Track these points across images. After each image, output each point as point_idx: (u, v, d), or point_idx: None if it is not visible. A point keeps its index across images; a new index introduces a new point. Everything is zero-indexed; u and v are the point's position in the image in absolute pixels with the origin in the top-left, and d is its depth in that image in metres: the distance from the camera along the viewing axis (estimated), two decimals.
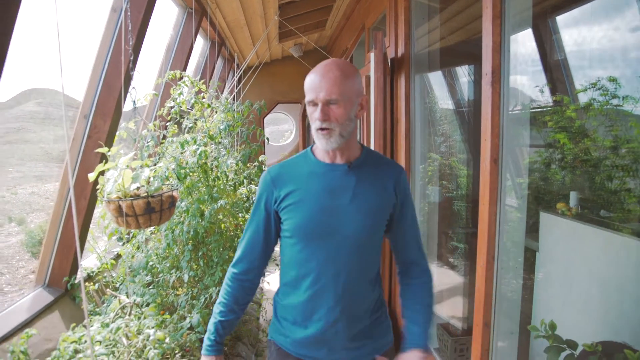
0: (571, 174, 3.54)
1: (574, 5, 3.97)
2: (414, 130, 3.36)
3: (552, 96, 4.14)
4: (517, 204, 3.17)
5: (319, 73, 1.32)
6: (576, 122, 3.54)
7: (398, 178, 1.44)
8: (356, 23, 5.27)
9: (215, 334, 1.47)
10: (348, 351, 1.42)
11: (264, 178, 1.46)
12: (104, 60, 2.81)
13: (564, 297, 2.63)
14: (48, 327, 2.69)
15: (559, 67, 4.15)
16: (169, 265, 3.04)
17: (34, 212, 10.44)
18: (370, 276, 1.43)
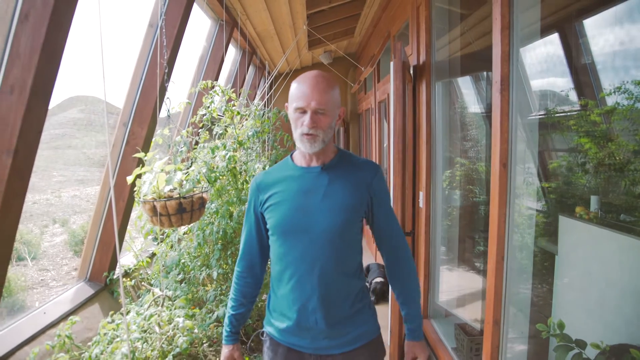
0: (594, 178, 3.54)
1: (601, 8, 3.97)
2: (436, 135, 3.45)
3: (577, 100, 4.14)
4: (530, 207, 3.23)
5: (309, 83, 1.44)
6: (600, 126, 3.55)
7: (373, 176, 1.54)
8: (383, 30, 5.38)
9: (230, 326, 1.66)
10: (330, 340, 1.52)
11: (251, 185, 1.62)
12: (142, 72, 3.03)
13: (582, 300, 2.67)
14: (89, 318, 2.91)
15: (585, 71, 4.14)
16: (200, 263, 3.23)
17: (75, 214, 10.92)
18: (348, 269, 1.53)
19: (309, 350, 1.54)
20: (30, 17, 1.76)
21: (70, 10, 1.89)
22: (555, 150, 4.48)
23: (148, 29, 3.05)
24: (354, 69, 8.42)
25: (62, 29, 1.87)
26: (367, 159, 1.64)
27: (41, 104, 1.88)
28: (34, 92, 1.80)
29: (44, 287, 5.05)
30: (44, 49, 1.78)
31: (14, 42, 1.78)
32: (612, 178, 3.34)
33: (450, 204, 4.45)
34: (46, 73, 1.84)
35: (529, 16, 2.16)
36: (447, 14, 3.65)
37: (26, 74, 1.77)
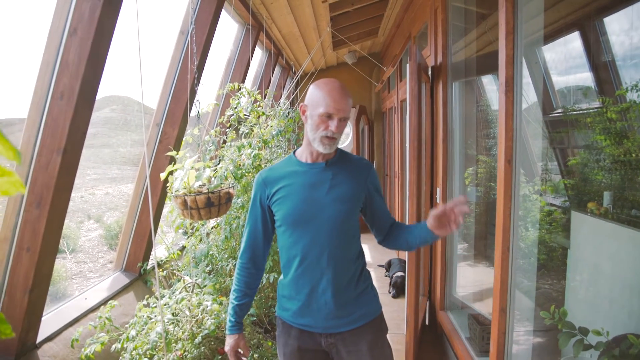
0: (609, 174, 3.60)
1: (621, 6, 4.00)
2: (453, 134, 3.57)
3: (596, 98, 4.19)
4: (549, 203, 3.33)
5: (339, 92, 1.60)
6: (617, 123, 3.61)
7: (368, 172, 1.74)
8: (404, 31, 5.50)
9: (234, 316, 1.77)
10: (339, 319, 1.67)
11: (257, 180, 1.76)
12: (174, 76, 3.25)
13: (592, 291, 2.77)
14: (125, 304, 3.16)
15: (605, 68, 4.18)
16: (227, 255, 3.44)
17: (109, 210, 11.35)
18: (351, 253, 1.70)
19: (319, 330, 1.69)
20: (78, 31, 1.99)
21: (112, 25, 2.11)
22: (575, 147, 4.53)
23: (179, 35, 3.27)
24: (378, 68, 8.54)
25: (105, 41, 2.10)
26: (361, 157, 1.83)
27: (86, 108, 2.11)
28: (81, 97, 2.03)
29: (81, 277, 5.38)
30: (90, 59, 2.01)
31: (64, 54, 2.01)
32: (627, 174, 3.40)
33: (472, 201, 4.55)
34: (91, 80, 2.07)
35: (536, 22, 2.28)
36: (465, 13, 3.76)
37: (74, 82, 2.00)
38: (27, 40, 7.10)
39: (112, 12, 2.08)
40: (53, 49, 2.03)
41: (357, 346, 1.68)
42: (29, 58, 6.89)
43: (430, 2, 3.77)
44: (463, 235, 4.48)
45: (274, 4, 4.35)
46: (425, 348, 3.56)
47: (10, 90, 7.74)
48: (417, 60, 2.94)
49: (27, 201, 2.10)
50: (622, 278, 2.53)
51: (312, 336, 1.71)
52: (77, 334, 2.33)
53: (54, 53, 2.03)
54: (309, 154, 1.71)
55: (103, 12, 2.00)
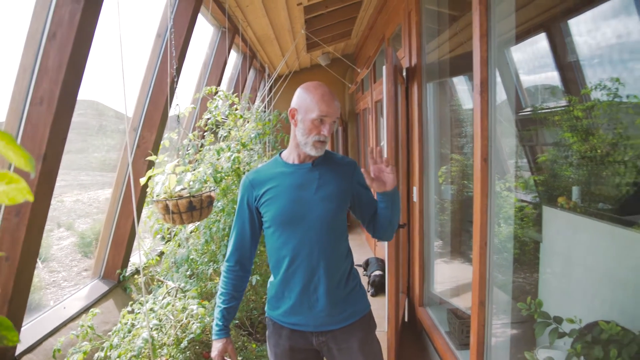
0: (577, 170, 3.75)
1: (586, 8, 4.15)
2: (428, 134, 3.65)
3: (563, 97, 4.35)
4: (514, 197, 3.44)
5: (329, 96, 1.64)
6: (583, 121, 3.76)
7: (354, 170, 1.77)
8: (378, 33, 5.58)
9: (222, 320, 1.75)
10: (330, 317, 1.70)
11: (244, 182, 1.77)
12: (150, 80, 3.23)
13: (563, 282, 2.88)
14: (105, 312, 3.12)
15: (571, 69, 4.34)
16: (207, 259, 3.43)
17: (79, 218, 11.09)
18: (340, 251, 1.73)
19: (310, 328, 1.72)
20: (57, 35, 1.97)
21: (92, 29, 2.10)
22: (544, 144, 4.69)
23: (156, 39, 3.25)
24: (352, 70, 8.62)
25: (85, 45, 2.08)
26: (345, 156, 1.86)
27: (67, 113, 2.08)
28: (61, 103, 2.01)
29: (56, 287, 5.25)
30: (70, 64, 1.99)
31: (43, 58, 1.98)
32: (594, 170, 3.55)
33: (446, 199, 4.65)
34: (71, 85, 2.05)
35: (506, 23, 2.36)
36: (438, 15, 3.86)
37: (54, 87, 1.97)
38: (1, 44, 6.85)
39: (92, 15, 2.06)
40: (31, 53, 2.00)
41: (348, 343, 1.71)
42: (3, 62, 6.65)
43: (404, 5, 3.85)
44: (438, 233, 4.58)
45: (250, 7, 4.36)
46: (406, 344, 3.63)
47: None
48: (393, 63, 3.00)
49: (5, 209, 2.06)
50: (591, 268, 2.64)
51: (304, 335, 1.74)
52: (59, 343, 2.30)
53: (32, 57, 2.00)
54: (296, 155, 1.73)
55: (83, 16, 1.98)
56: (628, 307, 2.37)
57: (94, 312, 2.51)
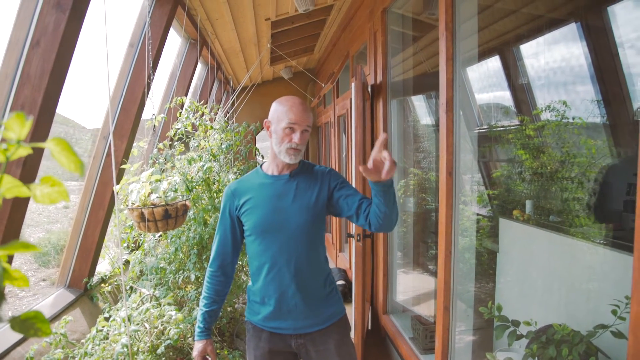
0: (529, 185, 4.02)
1: (536, 35, 4.48)
2: (391, 148, 3.83)
3: (516, 116, 4.66)
4: (476, 212, 3.66)
5: (299, 106, 1.73)
6: (534, 139, 4.05)
7: (329, 175, 1.82)
8: (342, 50, 5.77)
9: (203, 322, 1.84)
10: (309, 319, 1.79)
11: (226, 192, 1.86)
12: (122, 89, 3.25)
13: (519, 288, 3.09)
14: (72, 322, 3.06)
15: (522, 90, 4.66)
16: (175, 268, 3.45)
17: (28, 227, 10.66)
18: (317, 257, 1.81)
19: (289, 331, 1.79)
20: (41, 43, 1.99)
21: (75, 38, 2.13)
22: (498, 160, 4.98)
23: (129, 48, 3.28)
24: (313, 83, 8.80)
25: (68, 53, 2.11)
26: (322, 166, 1.91)
27: (47, 120, 2.10)
28: (42, 110, 2.02)
29: (12, 297, 5.08)
30: (53, 72, 2.01)
31: (25, 66, 2.00)
32: (545, 184, 3.83)
33: (405, 211, 4.85)
34: (53, 93, 2.07)
35: (468, 43, 2.57)
36: (402, 36, 4.07)
37: (36, 94, 1.99)
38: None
39: (76, 25, 2.10)
40: (13, 60, 2.02)
41: (326, 345, 1.80)
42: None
43: (370, 25, 4.04)
44: (398, 244, 4.76)
45: (219, 20, 4.44)
46: (370, 351, 3.75)
47: None
48: (362, 80, 3.16)
49: None
50: (544, 274, 2.86)
51: (283, 338, 1.81)
52: (31, 351, 2.28)
53: (14, 64, 2.02)
54: (275, 166, 1.81)
55: (68, 26, 2.02)
56: (576, 310, 2.59)
57: (66, 320, 2.50)
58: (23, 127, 0.59)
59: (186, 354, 2.51)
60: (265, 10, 4.47)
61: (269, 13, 4.58)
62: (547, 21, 4.23)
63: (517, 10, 4.40)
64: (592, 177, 3.45)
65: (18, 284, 0.67)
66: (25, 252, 0.66)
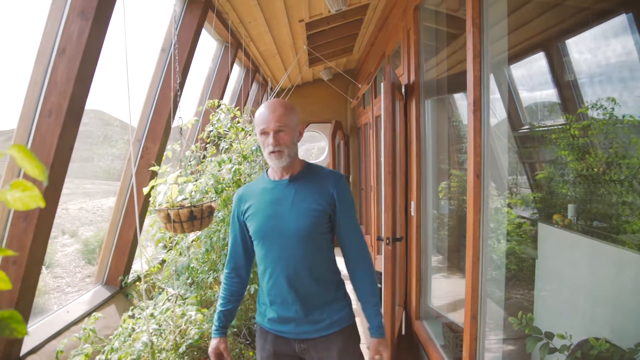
0: (573, 187, 3.81)
1: (583, 29, 4.25)
2: (426, 149, 3.73)
3: (560, 115, 4.43)
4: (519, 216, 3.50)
5: (267, 109, 1.70)
6: (579, 139, 3.84)
7: (336, 183, 1.77)
8: (379, 50, 5.69)
9: (218, 321, 1.88)
10: (310, 325, 1.76)
11: (235, 196, 1.88)
12: (155, 92, 3.33)
13: (558, 299, 2.93)
14: (107, 317, 3.17)
15: (569, 87, 4.43)
16: (207, 268, 3.49)
17: (83, 225, 11.16)
18: (319, 265, 1.77)
19: (292, 336, 1.79)
20: (66, 51, 2.06)
21: (99, 45, 2.20)
22: (541, 161, 4.76)
23: (161, 53, 3.35)
24: (354, 84, 8.75)
25: (92, 60, 2.17)
26: (332, 170, 1.87)
27: (73, 125, 2.17)
28: (68, 115, 2.09)
29: (59, 292, 5.33)
30: (78, 78, 2.08)
31: (52, 73, 2.07)
32: (590, 188, 3.61)
33: (445, 214, 4.71)
34: (78, 98, 2.14)
35: (502, 43, 2.45)
36: (436, 33, 3.96)
37: (62, 100, 2.06)
38: (14, 58, 7.16)
39: (99, 32, 2.16)
40: (42, 68, 2.09)
41: (329, 352, 1.77)
42: (15, 76, 6.90)
43: (403, 24, 3.95)
44: (438, 247, 4.63)
45: (252, 24, 4.47)
46: (402, 357, 3.67)
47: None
48: (391, 80, 3.09)
49: (14, 215, 2.14)
50: (584, 286, 2.69)
51: (287, 342, 1.80)
52: (62, 345, 2.37)
53: (42, 72, 2.10)
54: (275, 171, 1.80)
55: (91, 33, 2.08)
56: (619, 325, 2.42)
57: (96, 316, 2.58)
58: None
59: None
60: (298, 12, 4.46)
61: (302, 15, 4.57)
62: (594, 13, 4.00)
63: (561, 2, 4.19)
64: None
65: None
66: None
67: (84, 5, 2.05)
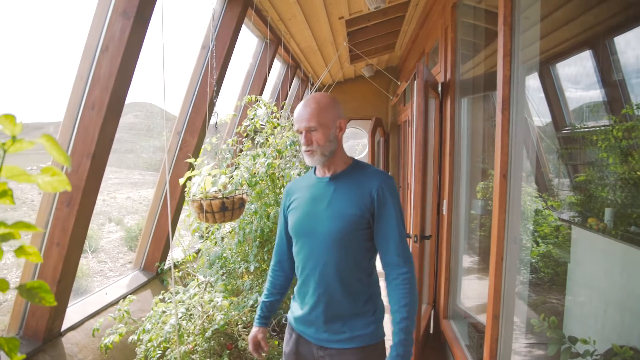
0: (613, 191, 3.69)
1: (632, 26, 4.09)
2: (460, 148, 3.70)
3: (605, 116, 4.28)
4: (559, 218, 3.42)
5: (300, 108, 1.65)
6: (622, 141, 3.70)
7: (379, 186, 1.63)
8: (419, 47, 5.66)
9: (260, 310, 1.90)
10: (329, 334, 1.67)
11: (284, 190, 1.86)
12: (195, 88, 3.47)
13: (589, 304, 2.86)
14: (142, 301, 3.35)
15: (615, 87, 4.27)
16: (240, 258, 3.61)
17: (129, 214, 11.65)
18: (349, 273, 1.65)
19: (312, 340, 1.73)
20: (109, 48, 2.20)
21: (140, 43, 2.33)
22: (582, 163, 4.62)
23: (201, 50, 3.49)
24: (395, 82, 8.71)
25: (133, 57, 2.31)
26: (378, 170, 1.73)
27: (114, 117, 2.32)
28: (110, 108, 2.24)
29: (102, 276, 5.63)
30: (119, 74, 2.22)
31: (96, 68, 2.22)
32: (631, 192, 3.49)
33: (483, 214, 4.65)
34: (119, 93, 2.28)
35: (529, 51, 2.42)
36: (475, 30, 3.91)
37: (104, 94, 2.21)
38: (62, 54, 7.54)
39: (140, 31, 2.29)
40: (87, 63, 2.25)
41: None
42: (63, 70, 7.26)
43: (442, 21, 3.93)
44: (474, 248, 4.58)
45: (292, 20, 4.55)
46: (429, 355, 3.67)
47: (44, 97, 8.41)
48: (424, 78, 3.09)
49: (58, 200, 2.31)
50: (615, 292, 2.62)
51: (308, 344, 1.76)
52: (98, 324, 2.52)
53: (87, 67, 2.25)
54: (319, 168, 1.75)
55: (132, 32, 2.21)
56: None
57: (130, 299, 2.73)
58: (14, 126, 0.69)
59: (235, 340, 2.63)
60: (338, 9, 4.51)
61: (342, 12, 4.61)
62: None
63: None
64: None
65: (32, 258, 0.77)
66: (27, 231, 0.76)
67: (126, 6, 2.18)
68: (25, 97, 12.19)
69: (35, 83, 13.53)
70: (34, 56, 11.79)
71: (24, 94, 11.63)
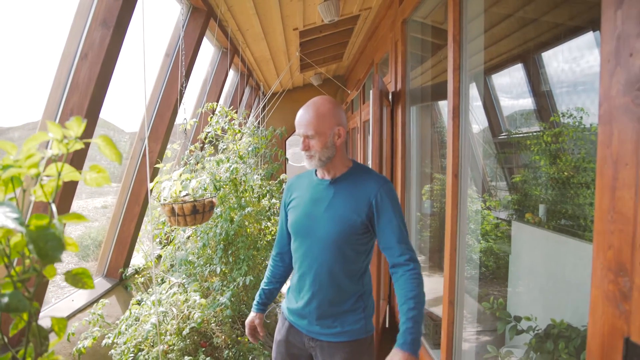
0: (545, 189, 4.11)
1: (557, 43, 4.56)
2: (410, 153, 3.99)
3: (535, 123, 4.75)
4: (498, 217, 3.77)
5: (301, 113, 1.70)
6: (551, 145, 4.14)
7: (377, 192, 1.67)
8: (368, 58, 5.96)
9: (259, 297, 1.98)
10: (321, 327, 1.76)
11: (286, 185, 1.93)
12: (158, 95, 3.54)
13: (529, 288, 3.21)
14: (107, 307, 3.37)
15: (544, 97, 4.75)
16: (203, 262, 3.70)
17: (69, 226, 11.26)
18: (343, 274, 1.71)
19: (304, 331, 1.81)
20: (89, 56, 2.28)
21: (117, 51, 2.42)
22: (518, 166, 5.07)
23: (164, 58, 3.57)
24: (343, 89, 9.01)
25: (111, 64, 2.40)
26: (378, 175, 1.77)
27: (92, 124, 2.39)
28: (88, 114, 2.31)
29: (55, 286, 5.49)
30: (98, 81, 2.30)
31: (74, 75, 2.29)
32: (560, 190, 3.91)
33: (428, 215, 4.98)
34: (97, 99, 2.36)
35: (474, 60, 2.72)
36: (422, 44, 4.23)
37: (83, 100, 2.28)
38: (38, 60, 7.25)
39: (118, 40, 2.39)
40: (65, 70, 2.31)
41: (332, 358, 1.76)
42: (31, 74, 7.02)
43: (392, 35, 4.21)
44: (421, 248, 4.89)
45: (250, 31, 4.71)
46: (386, 348, 3.90)
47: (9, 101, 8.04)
48: (379, 87, 3.34)
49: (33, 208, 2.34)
50: (551, 276, 2.97)
51: (299, 334, 1.83)
52: (73, 328, 2.56)
53: (65, 73, 2.31)
54: (320, 170, 1.79)
55: (111, 40, 2.30)
56: (581, 308, 2.69)
57: (103, 303, 2.78)
58: (80, 127, 0.83)
59: (209, 337, 2.74)
60: (293, 21, 4.71)
61: (297, 23, 4.82)
62: (567, 29, 4.31)
63: (538, 18, 4.49)
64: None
65: (71, 248, 0.90)
66: (78, 222, 0.89)
67: (105, 16, 2.27)
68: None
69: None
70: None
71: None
